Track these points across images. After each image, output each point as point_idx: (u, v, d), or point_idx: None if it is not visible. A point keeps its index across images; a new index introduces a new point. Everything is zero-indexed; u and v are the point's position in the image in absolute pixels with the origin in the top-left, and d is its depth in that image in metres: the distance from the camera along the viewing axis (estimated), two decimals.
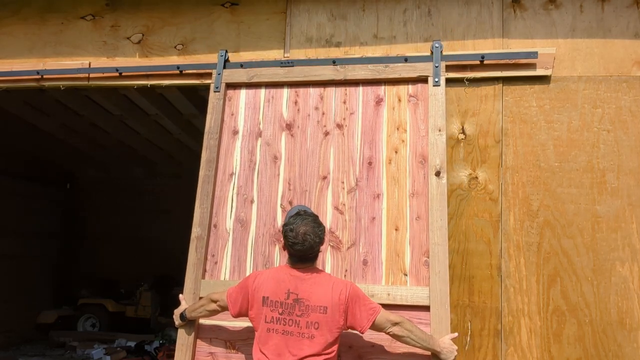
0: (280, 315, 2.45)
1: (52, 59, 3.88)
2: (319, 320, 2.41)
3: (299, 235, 2.47)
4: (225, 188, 3.30)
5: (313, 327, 2.40)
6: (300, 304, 2.43)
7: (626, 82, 3.12)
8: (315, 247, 2.50)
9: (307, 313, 2.42)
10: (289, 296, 2.46)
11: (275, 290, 2.48)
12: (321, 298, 2.43)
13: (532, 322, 3.01)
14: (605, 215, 3.02)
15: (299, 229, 2.48)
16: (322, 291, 2.45)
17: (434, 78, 3.16)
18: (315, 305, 2.42)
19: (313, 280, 2.48)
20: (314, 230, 2.48)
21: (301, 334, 2.40)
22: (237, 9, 3.66)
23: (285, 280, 2.49)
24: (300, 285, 2.47)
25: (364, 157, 3.17)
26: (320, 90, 3.33)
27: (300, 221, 2.51)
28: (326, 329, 2.41)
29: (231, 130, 3.39)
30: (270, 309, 2.47)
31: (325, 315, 2.41)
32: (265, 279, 2.54)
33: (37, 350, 8.38)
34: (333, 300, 2.43)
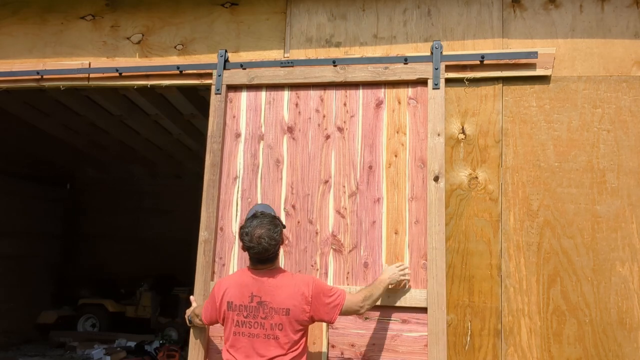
0: (246, 318, 2.50)
1: (52, 59, 3.88)
2: (282, 322, 2.47)
3: (253, 238, 2.50)
4: (230, 192, 3.32)
5: (277, 329, 2.46)
6: (264, 307, 2.49)
7: (626, 82, 3.12)
8: (271, 249, 2.52)
9: (271, 315, 2.48)
10: (253, 299, 2.51)
11: (239, 295, 2.54)
12: (284, 300, 2.48)
13: (532, 322, 3.01)
14: (605, 215, 3.02)
15: (254, 232, 2.51)
16: (285, 293, 2.50)
17: (433, 81, 3.16)
18: (278, 308, 2.48)
19: (275, 283, 2.53)
20: (268, 233, 2.51)
21: (266, 335, 2.47)
22: (237, 9, 3.66)
23: (248, 284, 2.54)
24: (263, 288, 2.52)
25: (364, 160, 3.19)
26: (320, 92, 3.34)
27: (256, 223, 2.54)
28: (290, 329, 2.47)
29: (233, 133, 3.40)
30: (235, 313, 2.52)
31: (288, 316, 2.47)
32: (229, 284, 2.60)
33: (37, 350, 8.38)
34: (295, 301, 2.49)
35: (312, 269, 3.13)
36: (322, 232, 3.16)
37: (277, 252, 2.58)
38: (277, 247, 2.55)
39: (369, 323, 3.00)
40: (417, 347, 2.91)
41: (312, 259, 3.15)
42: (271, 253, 2.54)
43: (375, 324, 2.99)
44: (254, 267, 2.59)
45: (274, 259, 2.59)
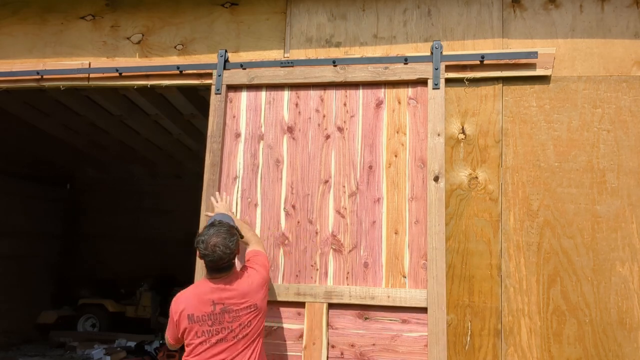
0: (211, 327, 2.54)
1: (52, 59, 3.88)
2: (251, 319, 2.57)
3: (208, 247, 2.54)
4: (230, 191, 3.32)
5: (246, 327, 2.55)
6: (229, 311, 2.55)
7: (626, 82, 3.12)
8: (225, 257, 2.57)
9: (239, 317, 2.55)
10: (215, 307, 2.55)
11: (199, 306, 2.57)
12: (248, 299, 2.58)
13: (532, 322, 3.01)
14: (605, 215, 3.02)
15: (209, 241, 2.55)
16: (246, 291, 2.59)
17: (433, 81, 3.16)
18: (244, 307, 2.56)
19: (234, 286, 2.59)
20: (224, 242, 2.55)
21: (236, 336, 2.53)
22: (237, 9, 3.66)
23: (207, 293, 2.59)
24: (224, 294, 2.57)
25: (364, 160, 3.18)
26: (320, 92, 3.34)
27: (212, 232, 2.58)
28: (257, 321, 2.61)
29: (233, 133, 3.40)
30: (199, 325, 2.56)
31: (255, 311, 2.60)
32: (186, 298, 2.64)
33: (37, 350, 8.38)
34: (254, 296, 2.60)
35: (312, 269, 3.13)
36: (322, 232, 3.16)
37: (232, 260, 2.63)
38: (232, 255, 2.59)
39: (369, 323, 3.00)
40: (417, 347, 2.91)
41: (312, 259, 3.15)
42: (225, 262, 2.57)
43: (376, 324, 2.99)
44: (211, 277, 2.63)
45: (230, 268, 2.63)
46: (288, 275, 3.16)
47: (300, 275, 3.14)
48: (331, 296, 3.05)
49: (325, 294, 3.06)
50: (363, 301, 3.01)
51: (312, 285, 3.10)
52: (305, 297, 3.08)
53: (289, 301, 3.10)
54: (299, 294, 3.09)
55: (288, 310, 3.11)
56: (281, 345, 3.08)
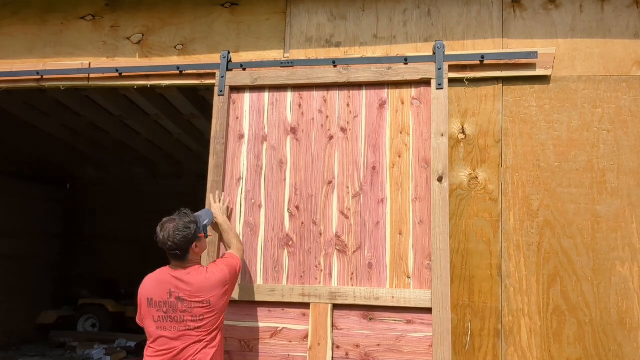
0: (165, 313, 2.60)
1: (52, 59, 3.88)
2: (203, 313, 2.59)
3: (161, 228, 2.65)
4: (234, 193, 3.32)
5: (199, 320, 2.58)
6: (183, 301, 2.59)
7: (626, 82, 3.12)
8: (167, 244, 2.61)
9: (191, 309, 2.58)
10: (171, 295, 2.61)
11: (158, 291, 2.64)
12: (203, 293, 2.60)
13: (532, 322, 3.01)
14: (605, 215, 3.03)
15: (164, 223, 2.66)
16: (201, 287, 2.61)
17: (437, 81, 3.16)
18: (197, 301, 2.58)
19: (190, 278, 2.63)
20: (169, 231, 2.62)
21: (187, 327, 2.57)
22: (237, 9, 3.66)
23: (166, 281, 2.65)
24: (180, 284, 2.62)
25: (368, 161, 3.19)
26: (323, 93, 3.33)
27: (171, 217, 2.69)
28: (211, 316, 2.61)
29: (237, 134, 3.40)
30: (155, 309, 2.63)
31: (208, 306, 2.60)
32: (149, 282, 2.73)
33: (37, 350, 8.38)
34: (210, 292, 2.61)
35: (316, 270, 3.14)
36: (326, 233, 3.16)
37: (179, 251, 2.64)
38: (176, 246, 2.62)
39: (374, 324, 3.01)
40: (421, 347, 2.91)
41: (316, 260, 3.15)
42: (169, 248, 2.63)
43: (380, 325, 2.99)
44: (170, 265, 2.71)
45: (183, 257, 2.67)
46: (292, 276, 3.16)
47: (305, 276, 3.14)
48: (336, 297, 3.05)
49: (329, 294, 3.06)
50: (368, 302, 3.01)
51: (317, 286, 3.10)
52: (310, 298, 3.08)
53: (294, 302, 3.10)
54: (304, 295, 3.09)
55: (293, 311, 3.11)
56: (286, 346, 3.08)
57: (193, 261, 2.72)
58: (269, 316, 3.14)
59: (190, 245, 2.66)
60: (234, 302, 3.19)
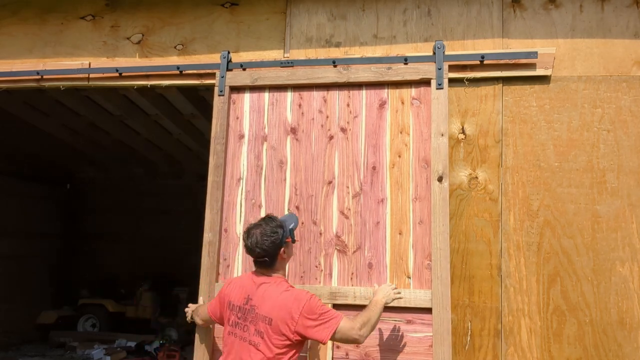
0: (239, 319, 2.52)
1: (52, 59, 3.88)
2: (263, 330, 2.42)
3: (247, 235, 2.56)
4: (234, 193, 3.32)
5: (259, 336, 2.43)
6: (253, 311, 2.48)
7: (626, 82, 3.12)
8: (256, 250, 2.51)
9: (256, 321, 2.46)
10: (247, 302, 2.52)
11: (238, 295, 2.57)
12: (269, 309, 2.44)
13: (532, 322, 3.01)
14: (605, 215, 3.03)
15: (250, 230, 2.56)
16: (271, 302, 2.45)
17: (437, 81, 3.16)
18: (261, 314, 2.45)
19: (266, 289, 2.51)
20: (257, 237, 2.52)
21: (249, 340, 2.45)
22: (237, 9, 3.67)
23: (247, 286, 2.58)
24: (256, 292, 2.52)
25: (368, 161, 3.19)
26: (323, 93, 3.33)
27: (258, 223, 2.60)
28: (270, 339, 2.41)
29: (237, 134, 3.40)
30: (232, 313, 2.56)
31: (270, 326, 2.41)
32: (235, 284, 2.65)
33: (37, 350, 8.37)
34: (280, 314, 2.41)
35: (317, 270, 3.14)
36: (326, 233, 3.16)
37: (265, 258, 2.53)
38: (265, 253, 2.51)
39: None
40: (421, 347, 2.91)
41: (316, 260, 3.15)
42: (257, 255, 2.53)
43: (380, 325, 2.99)
44: (254, 271, 2.64)
45: (269, 266, 2.56)
46: (293, 276, 3.16)
47: (305, 276, 3.14)
48: (336, 297, 3.05)
49: (330, 294, 3.06)
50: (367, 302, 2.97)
51: (317, 286, 3.10)
52: None
53: None
54: None
55: None
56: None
57: (279, 270, 2.61)
58: None
59: (278, 250, 2.55)
60: None
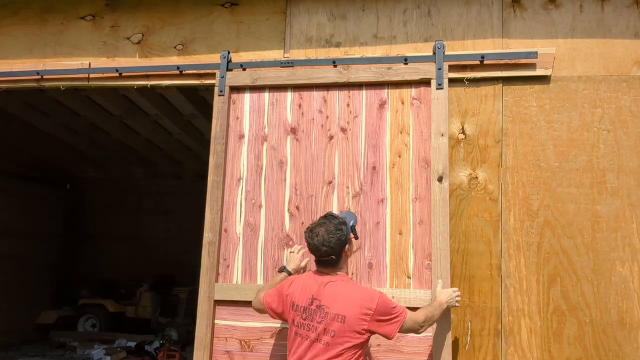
0: (304, 320, 2.47)
1: (52, 59, 3.88)
2: (336, 329, 2.39)
3: (311, 234, 2.51)
4: (234, 193, 3.32)
5: (329, 335, 2.39)
6: (321, 311, 2.43)
7: (626, 82, 3.12)
8: (322, 249, 2.47)
9: (326, 320, 2.41)
10: (312, 302, 2.47)
11: (302, 296, 2.52)
12: (341, 307, 2.41)
13: (532, 322, 3.01)
14: (605, 215, 3.03)
15: (313, 229, 2.52)
16: (343, 300, 2.42)
17: (437, 81, 3.16)
18: (334, 314, 2.41)
19: (335, 288, 2.47)
20: (323, 235, 2.47)
21: (319, 340, 2.41)
22: (237, 9, 3.67)
23: (310, 286, 2.52)
24: (322, 292, 2.47)
25: (368, 161, 3.19)
26: (323, 93, 3.33)
27: (320, 222, 2.54)
28: (342, 338, 2.38)
29: (237, 134, 3.40)
30: (297, 314, 2.51)
31: (342, 324, 2.39)
32: (297, 284, 2.59)
33: (37, 350, 8.37)
34: (354, 312, 2.40)
35: None
36: None
37: (332, 256, 2.50)
38: (332, 251, 2.48)
39: None
40: (422, 347, 2.91)
41: None
42: (323, 254, 2.49)
43: None
44: (316, 270, 2.59)
45: (334, 264, 2.53)
46: None
47: None
48: None
49: None
50: None
51: None
52: None
53: None
54: None
55: None
56: (286, 346, 3.08)
57: (342, 268, 2.59)
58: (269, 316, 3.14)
59: (343, 247, 2.53)
60: (233, 302, 3.19)
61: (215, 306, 3.20)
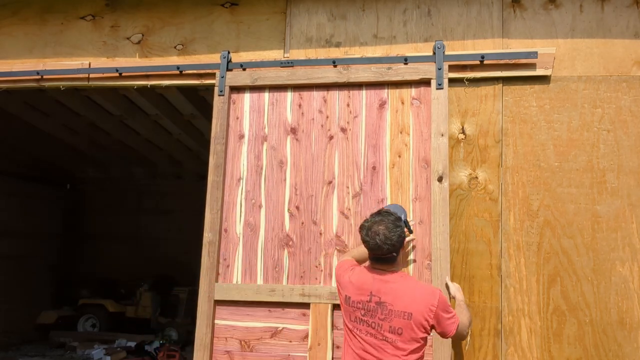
0: (363, 316, 2.45)
1: (52, 59, 3.88)
2: (402, 326, 2.39)
3: (369, 232, 2.46)
4: (234, 193, 3.32)
5: (396, 332, 2.39)
6: (383, 308, 2.42)
7: (626, 82, 3.12)
8: (385, 248, 2.44)
9: (390, 318, 2.40)
10: (372, 298, 2.45)
11: (358, 291, 2.48)
12: (408, 304, 2.41)
13: (532, 322, 3.01)
14: (605, 215, 3.03)
15: (371, 227, 2.47)
16: (409, 297, 2.43)
17: (437, 81, 3.16)
18: (399, 311, 2.40)
19: (397, 285, 2.46)
20: (385, 232, 2.44)
21: (384, 337, 2.40)
22: (237, 9, 3.66)
23: (368, 282, 2.48)
24: (383, 289, 2.45)
25: (368, 161, 3.19)
26: (323, 93, 3.34)
27: (378, 219, 2.49)
28: (408, 335, 2.39)
29: (237, 134, 3.40)
30: (353, 309, 2.48)
31: (409, 321, 2.39)
32: (350, 278, 2.55)
33: (37, 350, 8.37)
34: (419, 307, 2.41)
35: (317, 270, 3.14)
36: (326, 233, 3.17)
37: (392, 253, 2.48)
38: (392, 248, 2.45)
39: None
40: None
41: (316, 260, 3.15)
42: (385, 252, 2.45)
43: None
44: (372, 267, 2.54)
45: (392, 261, 2.51)
46: (293, 277, 3.16)
47: (305, 276, 3.15)
48: (336, 297, 3.04)
49: (330, 294, 3.06)
50: None
51: (317, 286, 3.10)
52: (310, 298, 3.09)
53: (294, 302, 3.11)
54: (304, 295, 3.10)
55: (293, 311, 3.12)
56: (287, 346, 3.09)
57: (400, 264, 2.58)
58: (269, 316, 3.14)
59: (403, 243, 2.53)
60: (233, 302, 3.19)
61: (215, 306, 3.21)
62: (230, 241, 3.28)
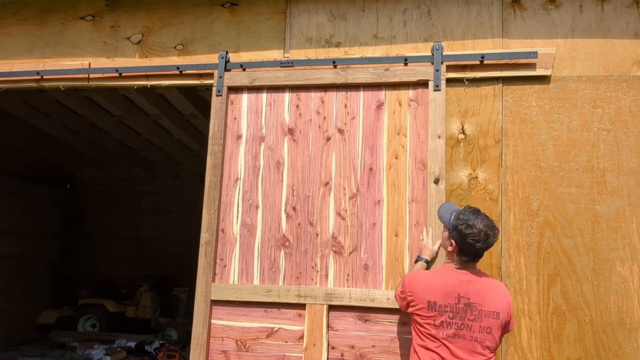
0: (451, 319, 2.42)
1: (52, 59, 3.88)
2: (491, 325, 2.41)
3: (481, 232, 2.40)
4: (231, 193, 3.32)
5: (486, 332, 2.40)
6: (473, 309, 2.41)
7: (626, 82, 3.12)
8: (491, 243, 2.44)
9: (480, 318, 2.41)
10: (460, 300, 2.43)
11: (441, 295, 2.44)
12: (496, 304, 2.44)
13: (532, 321, 3.01)
14: (605, 215, 3.02)
15: (479, 225, 2.41)
16: (495, 297, 2.46)
17: (434, 82, 3.16)
18: (489, 311, 2.42)
19: (483, 285, 2.46)
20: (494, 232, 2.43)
21: (474, 338, 2.40)
22: (237, 9, 3.66)
23: (454, 285, 2.45)
24: (471, 290, 2.44)
25: (365, 162, 3.19)
26: (321, 94, 3.33)
27: (475, 217, 2.44)
28: (497, 333, 2.43)
29: (234, 135, 3.40)
30: (438, 313, 2.43)
31: (497, 320, 2.43)
32: (429, 282, 2.50)
33: (37, 350, 8.38)
34: (505, 306, 2.46)
35: (313, 271, 3.14)
36: (322, 234, 3.16)
37: None
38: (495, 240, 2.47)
39: (369, 325, 3.01)
40: None
41: (312, 261, 3.15)
42: (489, 247, 2.46)
43: (376, 326, 2.99)
44: (460, 268, 2.49)
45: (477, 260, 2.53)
46: (289, 277, 3.16)
47: (301, 277, 3.15)
48: (331, 298, 3.05)
49: (325, 295, 3.06)
50: (363, 303, 3.01)
51: (313, 287, 3.10)
52: (306, 298, 3.09)
53: (290, 302, 3.11)
54: (300, 296, 3.10)
55: (289, 311, 3.12)
56: (282, 347, 3.09)
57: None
58: (265, 316, 3.14)
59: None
60: (230, 302, 3.19)
61: (211, 306, 3.21)
62: (227, 241, 3.28)
